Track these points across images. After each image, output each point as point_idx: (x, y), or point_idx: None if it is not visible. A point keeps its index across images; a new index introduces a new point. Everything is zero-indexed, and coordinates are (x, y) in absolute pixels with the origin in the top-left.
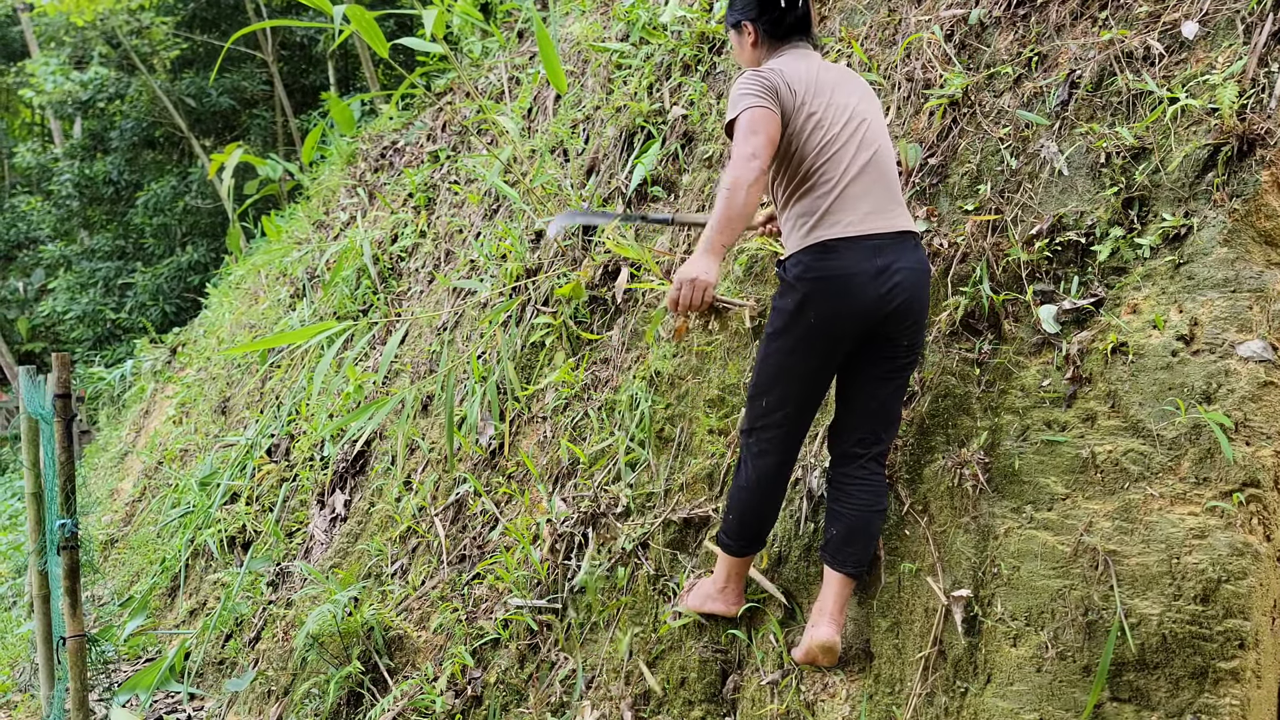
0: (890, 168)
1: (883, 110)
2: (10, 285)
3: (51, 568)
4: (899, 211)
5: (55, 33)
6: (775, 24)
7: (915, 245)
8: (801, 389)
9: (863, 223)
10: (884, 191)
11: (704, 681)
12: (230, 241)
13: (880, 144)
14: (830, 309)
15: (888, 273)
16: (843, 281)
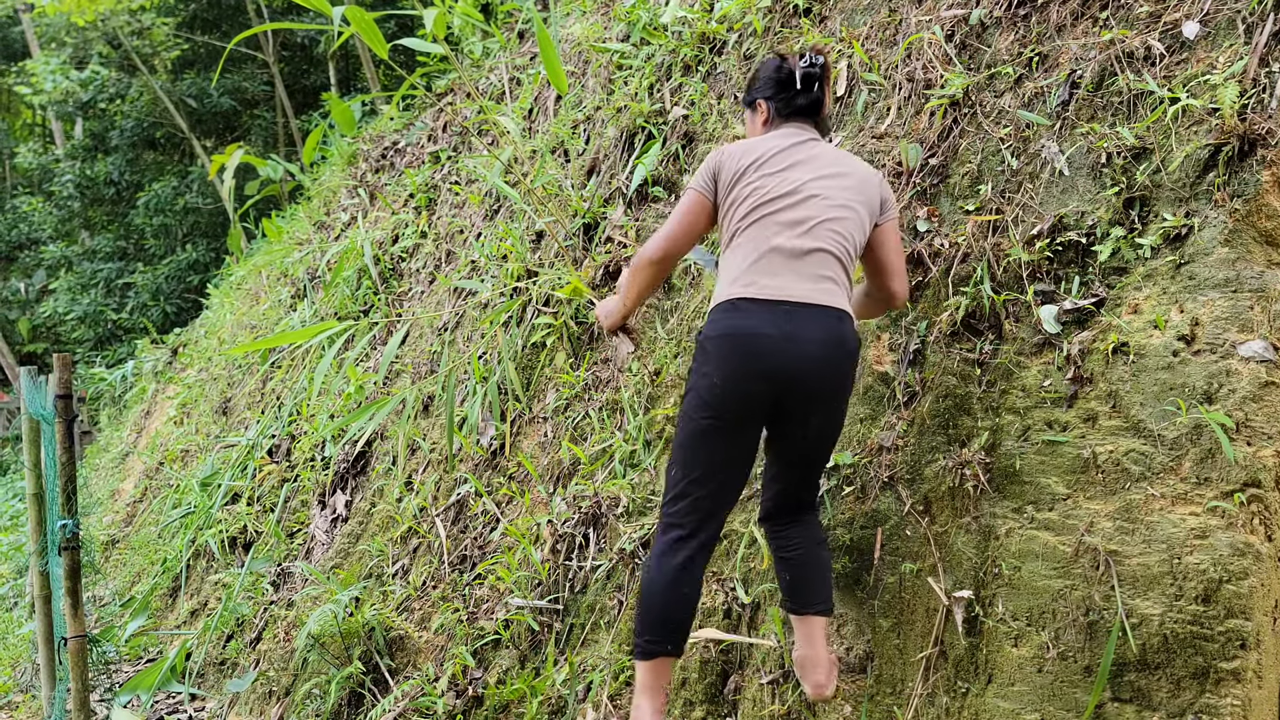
0: (834, 251)
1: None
2: (11, 286)
3: (53, 568)
4: (831, 290)
5: (56, 33)
6: (786, 103)
7: (839, 320)
8: (709, 457)
9: (779, 290)
10: (814, 270)
11: (705, 682)
12: (231, 242)
13: (826, 224)
14: (733, 369)
15: (798, 340)
16: (747, 340)
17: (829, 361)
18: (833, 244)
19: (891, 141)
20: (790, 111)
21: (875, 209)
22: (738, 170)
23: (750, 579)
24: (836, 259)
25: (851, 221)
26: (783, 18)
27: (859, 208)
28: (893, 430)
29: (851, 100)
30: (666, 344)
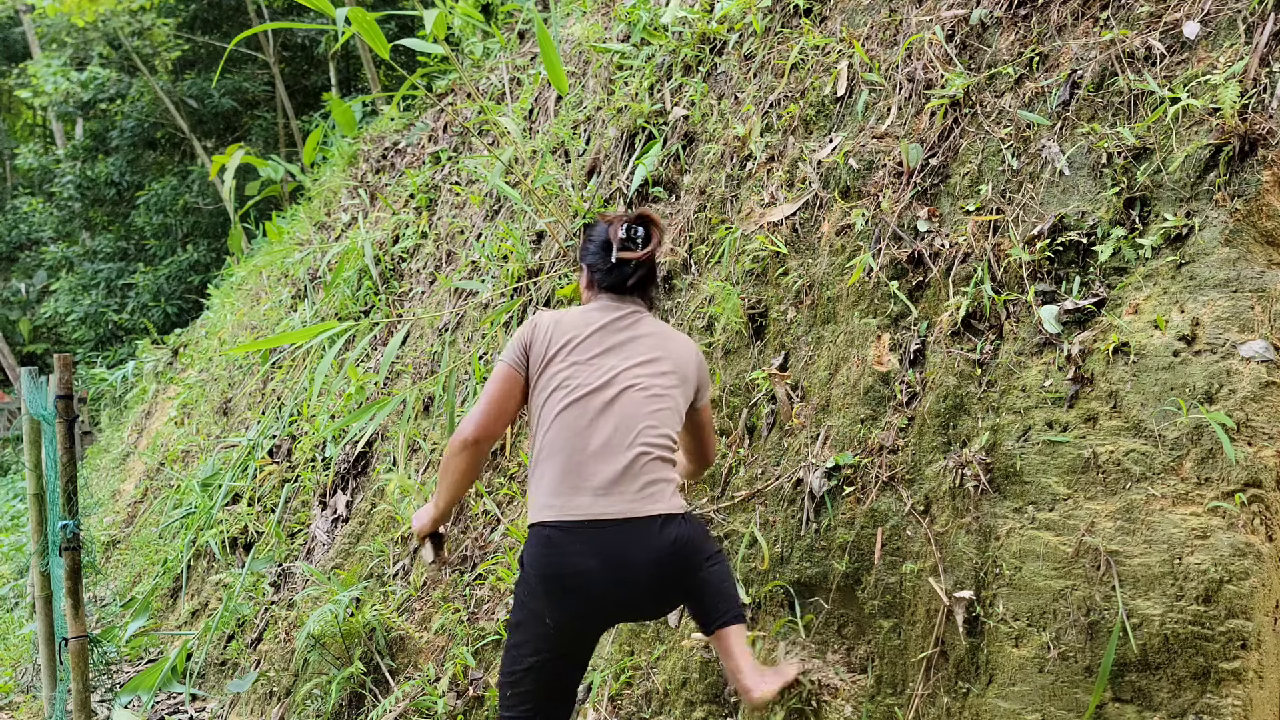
0: (655, 452)
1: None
2: (12, 287)
3: (54, 569)
4: (654, 494)
5: (56, 34)
6: (603, 275)
7: (664, 526)
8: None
9: (601, 509)
10: (636, 477)
11: (705, 682)
12: (232, 242)
13: (644, 422)
14: (567, 611)
15: (629, 567)
16: (574, 580)
17: (665, 576)
18: (653, 442)
19: (892, 141)
20: (606, 285)
21: (691, 393)
22: (548, 350)
23: (751, 579)
24: (658, 458)
25: (669, 413)
26: (783, 18)
27: (676, 395)
28: (893, 430)
29: (852, 100)
30: None
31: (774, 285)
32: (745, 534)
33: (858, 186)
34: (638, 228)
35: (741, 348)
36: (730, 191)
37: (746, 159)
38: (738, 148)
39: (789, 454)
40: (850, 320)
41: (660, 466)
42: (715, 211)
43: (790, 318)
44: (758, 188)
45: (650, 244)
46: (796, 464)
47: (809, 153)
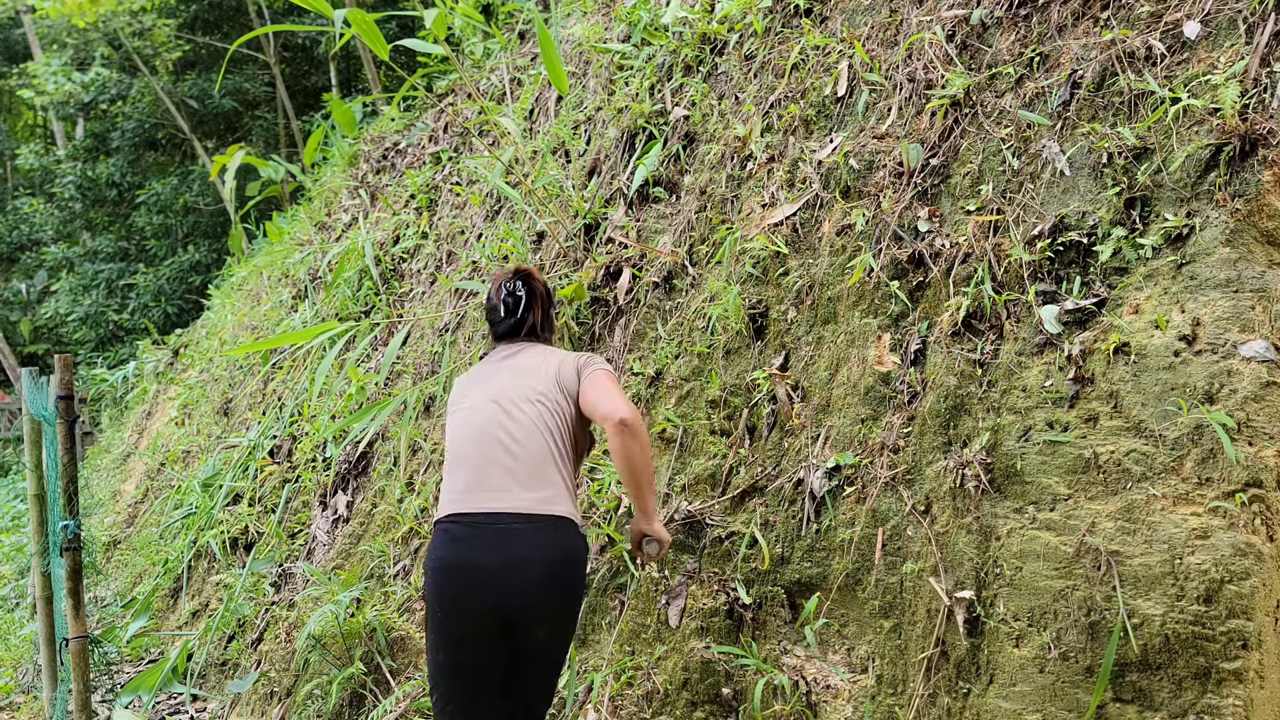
0: (536, 447)
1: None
2: (13, 287)
3: (54, 569)
4: (549, 498)
5: (57, 34)
6: (494, 327)
7: (541, 529)
8: (455, 688)
9: (484, 500)
10: (519, 471)
11: (706, 682)
12: (232, 243)
13: (534, 424)
14: (451, 604)
15: (517, 564)
16: (464, 573)
17: (551, 580)
18: (530, 449)
19: (892, 141)
20: (497, 335)
21: (571, 382)
22: (452, 400)
23: (751, 580)
24: (549, 459)
25: (548, 409)
26: (784, 18)
27: (551, 392)
28: (893, 430)
29: (852, 101)
30: (668, 344)
31: (774, 285)
32: (746, 534)
33: (858, 186)
34: (516, 283)
35: (742, 348)
36: (731, 191)
37: (747, 159)
38: (738, 148)
39: (789, 454)
40: (851, 320)
41: (554, 469)
42: (716, 211)
43: (791, 318)
44: (758, 188)
45: (534, 290)
46: (797, 464)
47: (809, 153)
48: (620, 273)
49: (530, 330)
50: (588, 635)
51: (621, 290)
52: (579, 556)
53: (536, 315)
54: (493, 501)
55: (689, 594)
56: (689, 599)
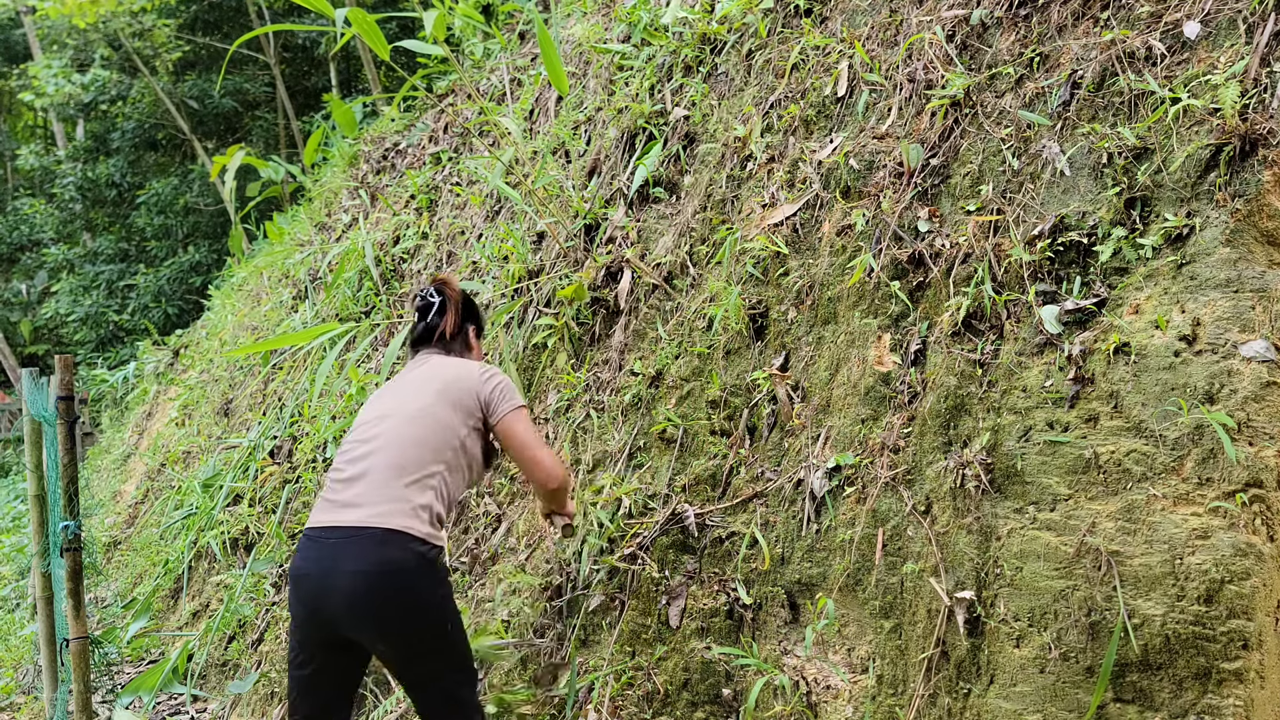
0: (397, 461)
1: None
2: (13, 288)
3: (55, 570)
4: (385, 512)
5: (58, 35)
6: (411, 333)
7: (361, 541)
8: (300, 690)
9: (330, 518)
10: (372, 485)
11: (707, 682)
12: (232, 243)
13: (394, 439)
14: (294, 614)
15: (333, 575)
16: (296, 583)
17: (368, 593)
18: (398, 460)
19: (893, 142)
20: (412, 342)
21: (473, 408)
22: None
23: (752, 580)
24: (406, 474)
25: (426, 428)
26: (784, 18)
27: (435, 409)
28: (894, 430)
29: (852, 101)
30: (668, 345)
31: (774, 285)
32: (746, 534)
33: (858, 187)
34: (430, 290)
35: (742, 348)
36: (731, 192)
37: (747, 159)
38: (738, 148)
39: (790, 454)
40: (851, 320)
41: (409, 483)
42: (716, 212)
43: (791, 318)
44: (758, 188)
45: (448, 298)
46: (797, 464)
47: (809, 153)
48: (621, 273)
49: (440, 338)
50: (588, 636)
51: (622, 291)
52: (402, 568)
53: (447, 323)
54: (333, 516)
55: (689, 594)
56: (689, 599)
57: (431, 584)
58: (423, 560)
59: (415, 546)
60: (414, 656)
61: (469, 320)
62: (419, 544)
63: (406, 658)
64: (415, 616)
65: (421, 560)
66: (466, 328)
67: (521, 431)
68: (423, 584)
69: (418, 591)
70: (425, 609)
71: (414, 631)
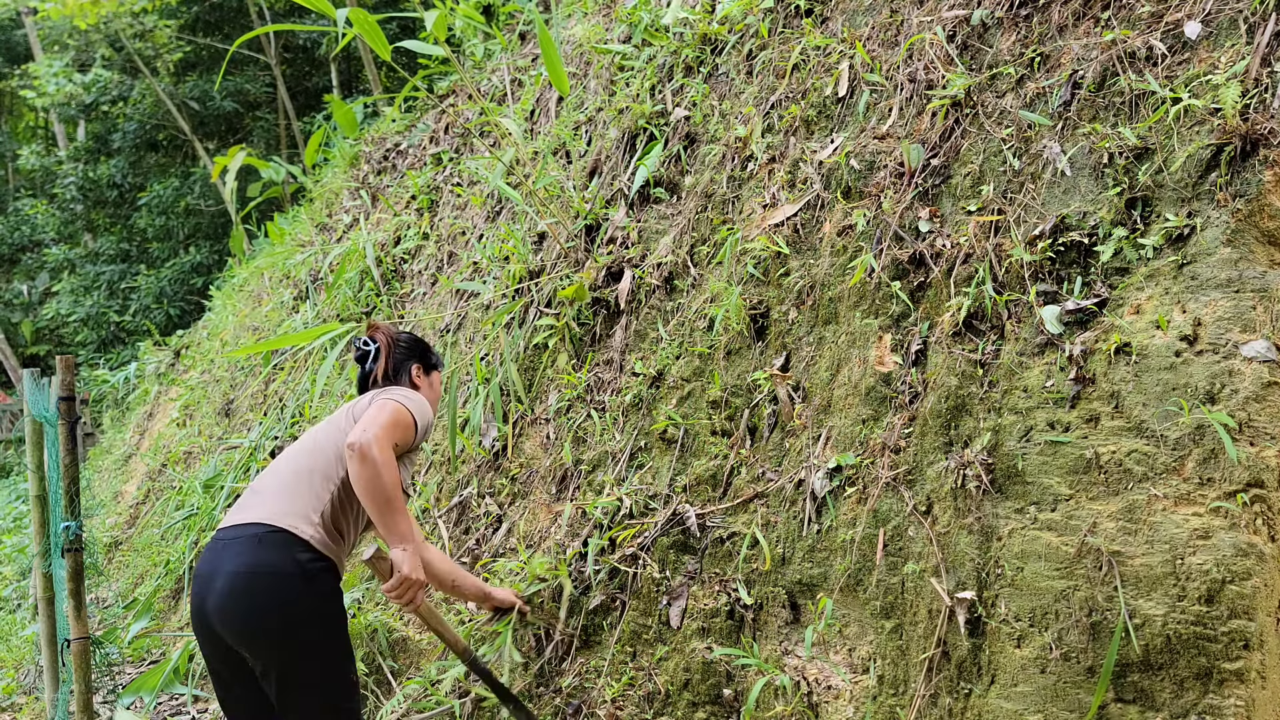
0: (305, 466)
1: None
2: (15, 288)
3: (56, 570)
4: (279, 509)
5: (59, 36)
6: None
7: (245, 540)
8: (216, 694)
9: (229, 515)
10: (272, 486)
11: (708, 683)
12: (233, 244)
13: (305, 448)
14: (191, 613)
15: (214, 575)
16: (193, 582)
17: (233, 595)
18: (304, 463)
19: (893, 142)
20: (358, 389)
21: (361, 410)
22: None
23: (752, 580)
24: (309, 479)
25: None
26: (785, 19)
27: (342, 421)
28: (894, 430)
29: (853, 101)
30: (669, 345)
31: (775, 286)
32: (747, 535)
33: (859, 187)
34: (364, 340)
35: (743, 348)
36: (732, 192)
37: (748, 160)
38: (739, 148)
39: (790, 455)
40: (852, 321)
41: (302, 482)
42: (717, 212)
43: (792, 318)
44: (759, 188)
45: (382, 346)
46: (798, 465)
47: (810, 153)
48: (622, 273)
49: (374, 383)
50: (589, 636)
51: (623, 291)
52: (275, 572)
53: (378, 369)
54: (232, 516)
55: (690, 595)
56: (690, 600)
57: (307, 596)
58: (302, 569)
59: (297, 552)
60: (278, 675)
61: (410, 359)
62: (302, 549)
63: (269, 674)
64: (280, 628)
65: (300, 569)
66: (408, 366)
67: (376, 409)
68: (293, 594)
69: (287, 601)
70: (293, 621)
71: (277, 644)
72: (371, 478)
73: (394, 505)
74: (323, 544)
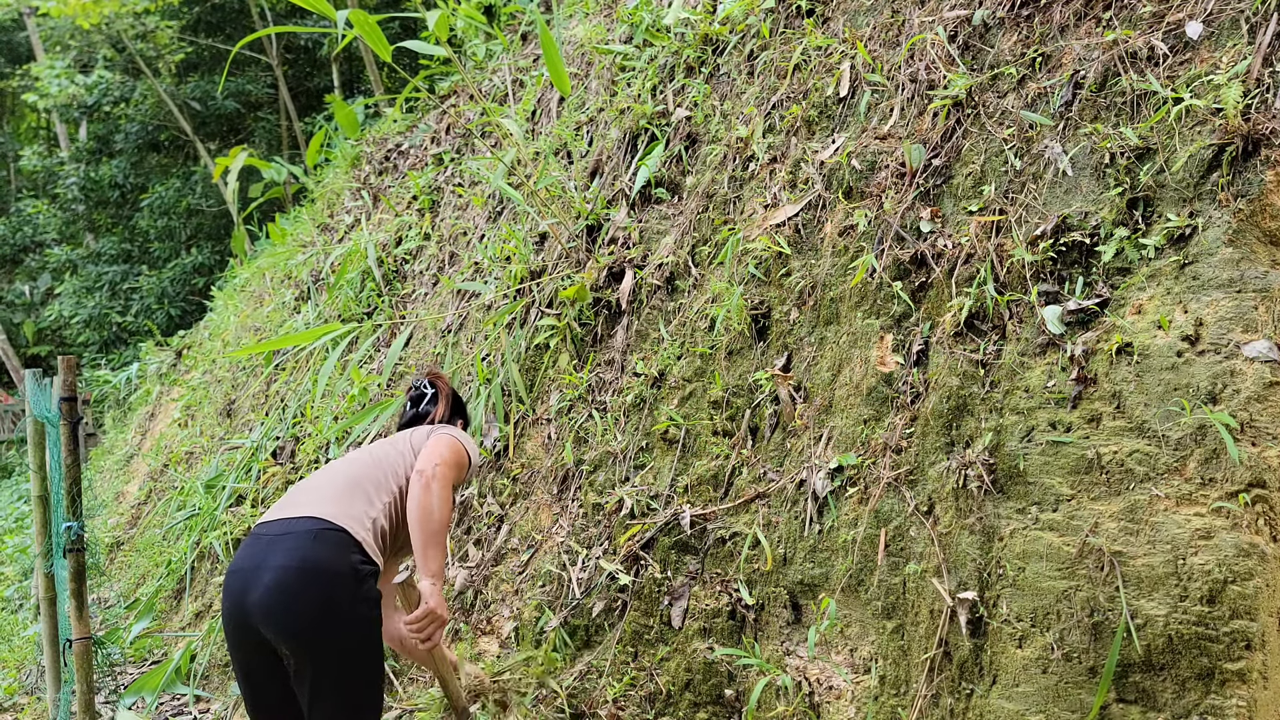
0: (355, 474)
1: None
2: (16, 289)
3: (58, 570)
4: (333, 510)
5: (60, 36)
6: (400, 418)
7: (313, 538)
8: (244, 693)
9: (273, 511)
10: (323, 487)
11: (709, 683)
12: (235, 244)
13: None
14: (223, 610)
15: (260, 569)
16: (228, 580)
17: (284, 588)
18: (353, 471)
19: (895, 142)
20: (401, 425)
21: (420, 442)
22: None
23: (754, 581)
24: (363, 488)
25: (390, 456)
26: (786, 19)
27: (402, 444)
28: (896, 431)
29: (854, 101)
30: (670, 345)
31: (777, 286)
32: (748, 535)
33: (860, 187)
34: (425, 383)
35: (744, 349)
36: (733, 192)
37: (749, 160)
38: (740, 149)
39: (792, 455)
40: (853, 321)
41: (360, 487)
42: (718, 212)
43: (793, 319)
44: (760, 189)
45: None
46: (799, 465)
47: (811, 153)
48: (623, 274)
49: (422, 421)
50: (590, 636)
51: (625, 291)
52: (328, 570)
53: (436, 413)
54: (278, 512)
55: (692, 595)
56: (692, 600)
57: (354, 598)
58: (353, 571)
59: (350, 554)
60: (314, 673)
61: (458, 415)
62: (355, 552)
63: (304, 672)
64: (326, 625)
65: (352, 571)
66: (455, 420)
67: (441, 443)
68: (344, 594)
69: (336, 600)
70: (338, 620)
71: (321, 642)
72: (428, 507)
73: (439, 539)
74: (372, 550)
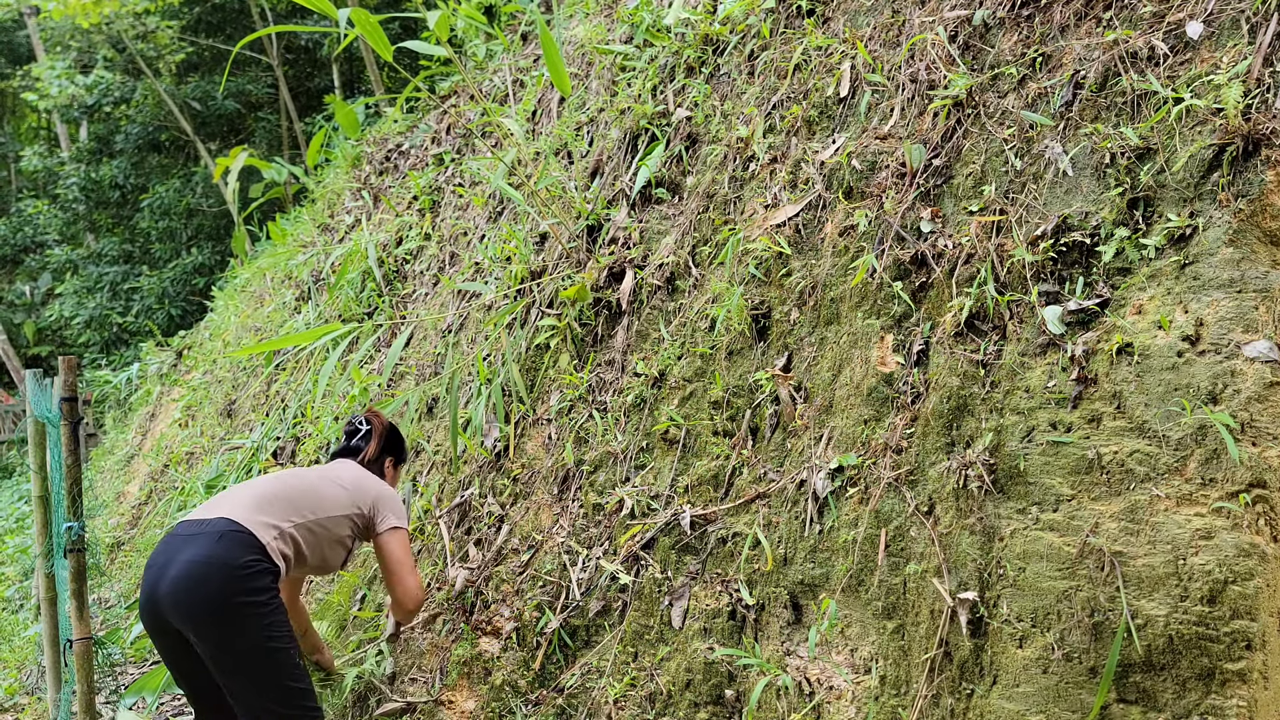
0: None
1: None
2: (17, 289)
3: (59, 571)
4: (241, 515)
5: (61, 37)
6: (334, 450)
7: (219, 538)
8: (179, 685)
9: (193, 514)
10: (243, 495)
11: (709, 683)
12: (235, 245)
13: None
14: (139, 603)
15: (169, 565)
16: (144, 574)
17: (189, 579)
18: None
19: (895, 142)
20: (334, 454)
21: (363, 504)
22: None
23: (754, 581)
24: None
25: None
26: (786, 19)
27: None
28: (896, 431)
29: (855, 101)
30: (670, 345)
31: (777, 286)
32: (748, 535)
33: (861, 187)
34: (361, 420)
35: (745, 349)
36: (733, 192)
37: (749, 160)
38: (740, 149)
39: (792, 455)
40: (853, 321)
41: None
42: (718, 212)
43: (793, 319)
44: (761, 189)
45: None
46: (800, 465)
47: (812, 154)
48: (623, 274)
49: (361, 460)
50: (590, 637)
51: (625, 291)
52: (230, 564)
53: (369, 449)
54: (195, 514)
55: (692, 595)
56: (692, 600)
57: (254, 591)
58: (246, 565)
59: (249, 553)
60: (216, 651)
61: (389, 452)
62: (255, 552)
63: (208, 650)
64: (218, 609)
65: (245, 565)
66: (384, 459)
67: (397, 551)
68: (243, 587)
69: (227, 589)
70: (228, 605)
71: (214, 621)
72: (414, 615)
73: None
74: (274, 553)
